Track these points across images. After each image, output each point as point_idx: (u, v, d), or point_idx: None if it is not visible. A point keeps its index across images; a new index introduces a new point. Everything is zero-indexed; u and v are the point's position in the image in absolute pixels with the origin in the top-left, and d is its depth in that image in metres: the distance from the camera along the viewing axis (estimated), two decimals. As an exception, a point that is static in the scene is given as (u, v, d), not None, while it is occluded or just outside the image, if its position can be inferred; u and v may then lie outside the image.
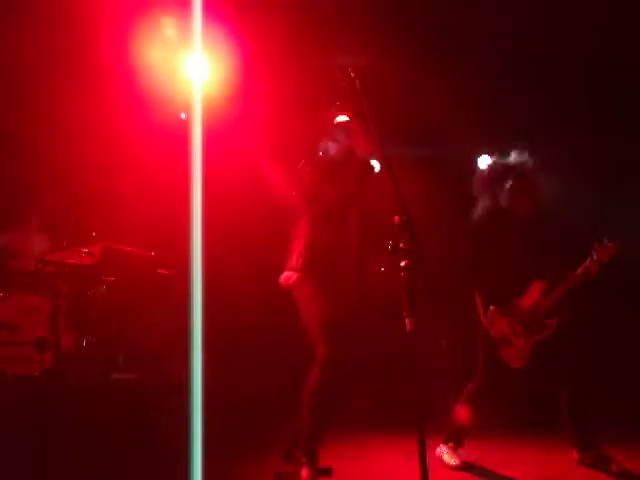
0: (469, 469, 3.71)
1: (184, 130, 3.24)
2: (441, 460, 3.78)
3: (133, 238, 5.65)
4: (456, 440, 3.83)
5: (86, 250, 5.19)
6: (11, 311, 5.03)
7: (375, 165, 3.66)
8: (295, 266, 3.47)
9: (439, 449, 3.84)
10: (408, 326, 2.44)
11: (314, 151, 3.64)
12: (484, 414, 3.83)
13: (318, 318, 3.36)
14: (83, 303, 5.37)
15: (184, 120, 3.31)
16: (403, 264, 2.49)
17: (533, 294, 3.81)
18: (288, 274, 3.50)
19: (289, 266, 3.51)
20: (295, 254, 3.50)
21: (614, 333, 5.93)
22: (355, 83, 2.86)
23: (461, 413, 3.81)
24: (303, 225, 3.54)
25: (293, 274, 3.47)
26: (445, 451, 3.81)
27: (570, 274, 3.76)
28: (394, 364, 5.38)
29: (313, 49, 5.42)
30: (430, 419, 2.50)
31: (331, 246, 3.46)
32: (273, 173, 5.58)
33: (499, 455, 3.93)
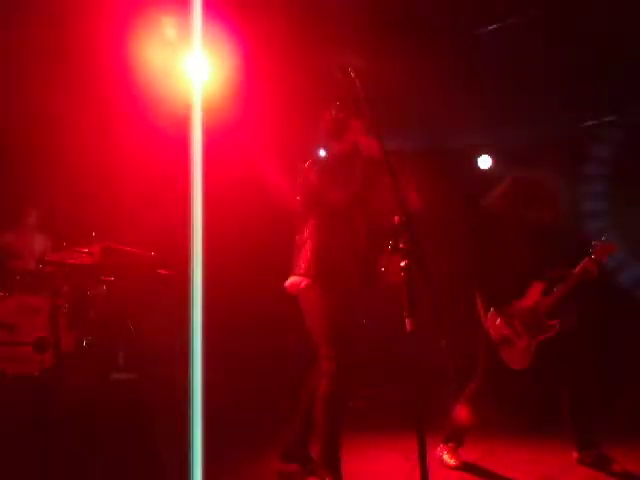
0: (469, 469, 3.70)
1: (184, 130, 3.23)
2: (441, 460, 3.78)
3: (133, 238, 5.66)
4: (456, 440, 3.83)
5: (86, 250, 5.20)
6: (11, 311, 5.04)
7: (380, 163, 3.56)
8: (304, 272, 3.35)
9: (439, 449, 3.84)
10: (408, 326, 2.44)
11: (317, 151, 3.58)
12: (484, 414, 3.83)
13: (325, 325, 3.27)
14: (83, 303, 5.39)
15: (184, 119, 3.29)
16: (403, 264, 2.48)
17: (533, 294, 3.80)
18: (296, 280, 3.38)
19: (297, 272, 3.39)
20: (303, 259, 3.37)
21: (614, 333, 5.94)
22: (355, 83, 2.85)
23: (461, 413, 3.80)
24: (310, 229, 3.40)
25: (302, 280, 3.35)
26: (445, 451, 3.81)
27: (569, 274, 3.75)
28: (394, 364, 5.37)
29: (313, 49, 5.42)
30: (430, 419, 2.50)
31: (339, 250, 3.34)
32: (275, 175, 5.58)
33: (499, 455, 3.93)
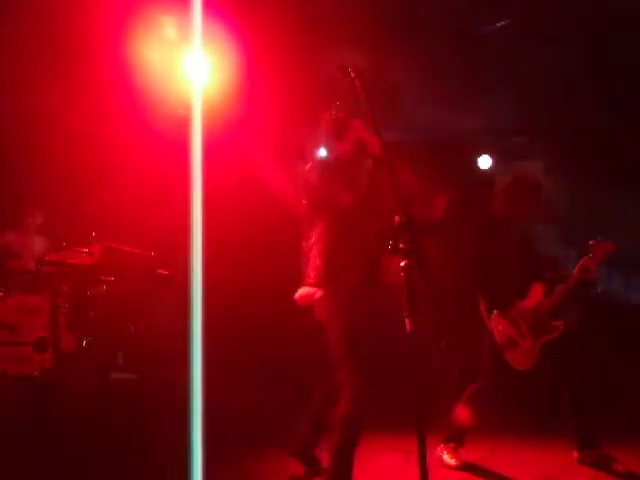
0: (469, 469, 3.70)
1: (184, 130, 3.22)
2: (441, 460, 3.78)
3: (133, 238, 5.65)
4: (457, 440, 3.82)
5: (86, 250, 5.18)
6: (11, 311, 5.04)
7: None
8: (314, 282, 3.16)
9: (439, 449, 3.83)
10: (408, 326, 2.43)
11: (318, 152, 3.54)
12: (485, 414, 3.82)
13: (349, 347, 3.09)
14: (83, 303, 5.38)
15: (184, 119, 3.28)
16: (403, 264, 2.48)
17: (535, 296, 3.81)
18: (309, 291, 3.18)
19: (307, 282, 3.20)
20: (312, 268, 3.18)
21: (614, 333, 5.94)
22: (355, 82, 2.84)
23: (462, 413, 3.80)
24: (318, 235, 3.20)
25: (315, 291, 3.16)
26: (445, 451, 3.81)
27: (568, 273, 3.75)
28: (394, 364, 5.36)
29: (313, 49, 5.42)
30: (430, 419, 2.50)
31: (349, 253, 3.16)
32: (275, 176, 5.58)
33: (499, 455, 3.93)
